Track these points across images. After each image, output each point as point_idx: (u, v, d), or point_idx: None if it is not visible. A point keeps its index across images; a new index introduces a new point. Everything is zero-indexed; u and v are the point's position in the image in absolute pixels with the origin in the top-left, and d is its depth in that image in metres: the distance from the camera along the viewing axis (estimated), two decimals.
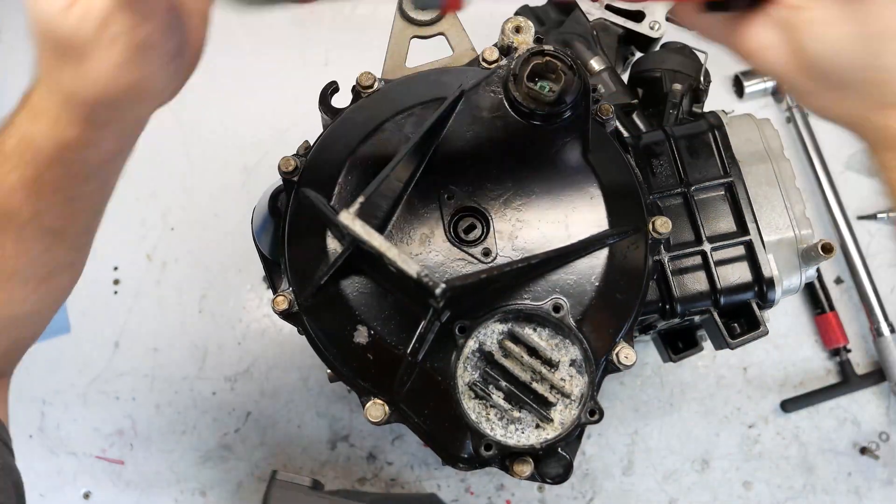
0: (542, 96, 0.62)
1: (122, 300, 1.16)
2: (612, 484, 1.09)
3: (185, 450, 1.10)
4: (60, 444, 1.10)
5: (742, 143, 0.77)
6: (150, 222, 1.20)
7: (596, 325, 0.61)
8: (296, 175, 0.66)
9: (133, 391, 1.12)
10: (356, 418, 1.10)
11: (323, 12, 1.32)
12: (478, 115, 0.63)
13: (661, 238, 0.65)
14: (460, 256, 0.61)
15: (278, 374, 1.13)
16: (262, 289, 1.17)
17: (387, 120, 0.65)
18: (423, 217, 0.62)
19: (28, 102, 0.51)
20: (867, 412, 1.11)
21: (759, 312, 0.74)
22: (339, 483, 1.08)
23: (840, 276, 1.16)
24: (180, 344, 1.14)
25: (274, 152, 1.21)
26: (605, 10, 0.92)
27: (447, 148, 0.63)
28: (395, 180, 0.61)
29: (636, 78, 0.92)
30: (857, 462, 1.09)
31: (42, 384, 1.12)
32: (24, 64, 0.53)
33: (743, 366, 1.13)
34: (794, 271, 0.74)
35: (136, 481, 1.09)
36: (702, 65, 0.91)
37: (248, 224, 0.78)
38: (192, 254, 1.18)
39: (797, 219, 0.75)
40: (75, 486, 1.09)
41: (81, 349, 1.14)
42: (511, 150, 0.63)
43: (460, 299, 0.57)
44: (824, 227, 1.17)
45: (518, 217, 0.62)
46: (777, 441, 1.10)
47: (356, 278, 0.61)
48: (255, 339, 1.15)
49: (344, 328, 0.61)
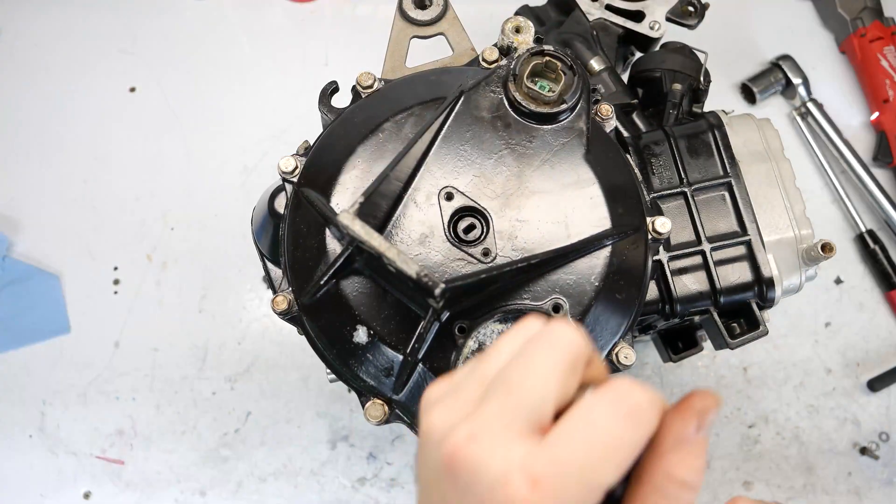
0: (542, 96, 0.62)
1: (122, 300, 1.16)
2: None
3: (185, 450, 1.10)
4: (60, 444, 1.10)
5: (742, 142, 0.77)
6: (150, 222, 1.20)
7: (596, 325, 0.61)
8: (295, 175, 0.66)
9: (133, 391, 1.12)
10: (356, 418, 1.10)
11: (323, 12, 1.32)
12: (477, 115, 0.63)
13: (661, 238, 0.65)
14: (460, 256, 0.61)
15: (278, 374, 1.13)
16: (262, 289, 1.17)
17: (386, 120, 0.65)
18: (423, 217, 0.62)
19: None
20: (867, 412, 1.11)
21: (758, 312, 0.74)
22: (339, 483, 1.09)
23: (840, 276, 1.17)
24: (180, 344, 1.14)
25: (274, 152, 1.22)
26: (605, 10, 0.92)
27: (447, 148, 0.63)
28: (395, 180, 0.61)
29: (636, 78, 0.92)
30: (857, 462, 1.09)
31: (42, 384, 1.12)
32: (24, 64, 0.53)
33: (743, 366, 1.13)
34: (794, 271, 0.74)
35: (136, 481, 1.09)
36: (702, 65, 0.91)
37: (247, 224, 0.78)
38: (192, 254, 1.18)
39: (797, 219, 0.75)
40: (75, 486, 1.09)
41: (81, 349, 1.14)
42: (511, 150, 0.63)
43: (460, 299, 0.57)
44: (872, 215, 1.19)
45: (518, 217, 0.62)
46: (777, 441, 1.10)
47: (356, 278, 0.61)
48: (255, 339, 1.15)
49: (343, 328, 0.61)
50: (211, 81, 1.28)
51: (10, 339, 1.14)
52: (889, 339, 1.15)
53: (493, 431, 0.33)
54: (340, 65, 1.28)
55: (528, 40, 0.67)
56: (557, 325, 0.36)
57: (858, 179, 1.19)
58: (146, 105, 1.26)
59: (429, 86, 0.67)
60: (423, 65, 0.73)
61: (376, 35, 0.79)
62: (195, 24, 1.31)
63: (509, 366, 0.35)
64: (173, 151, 1.23)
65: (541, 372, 0.34)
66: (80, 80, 1.27)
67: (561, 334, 0.36)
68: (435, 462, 0.34)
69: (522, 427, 0.33)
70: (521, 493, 0.31)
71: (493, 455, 0.32)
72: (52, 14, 1.30)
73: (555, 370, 0.34)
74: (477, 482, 0.32)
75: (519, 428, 0.33)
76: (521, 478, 0.31)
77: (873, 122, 1.23)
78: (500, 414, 0.33)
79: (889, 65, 1.21)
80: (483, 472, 0.32)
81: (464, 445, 0.33)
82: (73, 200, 1.21)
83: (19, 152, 1.23)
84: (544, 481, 0.31)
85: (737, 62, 1.27)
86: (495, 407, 0.34)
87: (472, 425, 0.33)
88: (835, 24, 1.29)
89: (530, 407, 0.33)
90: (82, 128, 1.24)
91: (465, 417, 0.34)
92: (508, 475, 0.31)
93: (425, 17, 0.74)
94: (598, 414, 0.33)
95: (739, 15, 1.30)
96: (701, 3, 0.95)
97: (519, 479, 0.31)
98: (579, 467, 0.31)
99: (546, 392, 0.34)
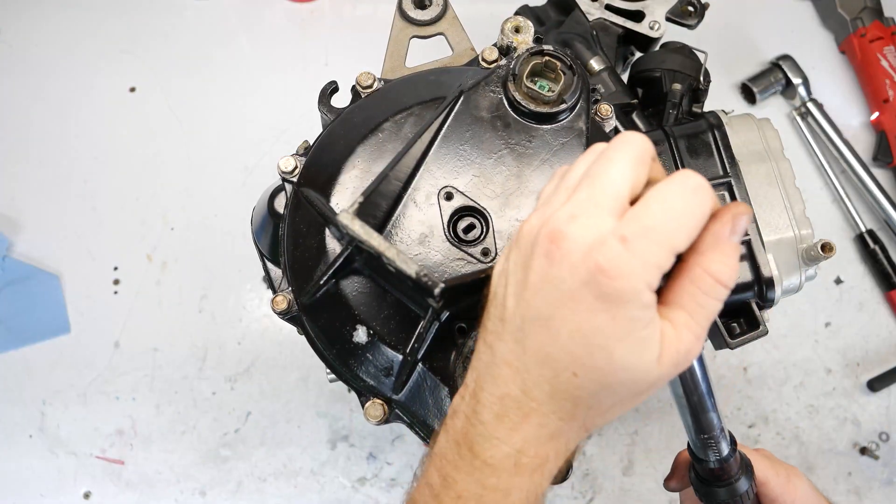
0: (542, 96, 0.62)
1: (122, 300, 1.16)
2: (612, 484, 1.09)
3: (185, 450, 1.10)
4: (60, 444, 1.10)
5: (742, 142, 0.77)
6: (150, 222, 1.20)
7: None
8: (295, 175, 0.66)
9: (133, 391, 1.12)
10: (356, 418, 1.10)
11: (323, 12, 1.32)
12: (477, 115, 0.63)
13: None
14: (459, 256, 0.61)
15: (278, 374, 1.13)
16: (262, 289, 1.17)
17: (386, 119, 0.65)
18: (423, 217, 0.62)
19: (533, 420, 0.43)
20: (867, 412, 1.11)
21: (758, 312, 0.74)
22: (339, 483, 1.09)
23: (840, 276, 1.17)
24: (180, 344, 1.14)
25: (274, 152, 1.22)
26: (605, 9, 0.92)
27: (447, 147, 0.63)
28: (395, 180, 0.61)
29: (636, 78, 0.92)
30: (857, 462, 1.09)
31: (42, 384, 1.12)
32: (24, 64, 0.53)
33: (743, 366, 1.13)
34: (794, 271, 0.74)
35: (136, 481, 1.09)
36: (701, 65, 0.91)
37: (248, 224, 0.78)
38: (192, 254, 1.18)
39: (797, 218, 0.75)
40: (75, 486, 1.09)
41: (81, 349, 1.14)
42: (511, 149, 0.63)
43: (459, 299, 0.57)
44: (872, 215, 1.20)
45: (517, 217, 0.62)
46: (777, 441, 1.10)
47: (355, 278, 0.61)
48: (255, 339, 1.15)
49: (343, 328, 0.61)
50: (211, 81, 1.28)
51: (10, 339, 1.14)
52: (889, 339, 1.15)
53: (587, 211, 0.39)
54: (340, 65, 1.28)
55: (528, 40, 0.67)
56: (627, 133, 0.42)
57: (858, 179, 1.19)
58: (146, 105, 1.26)
59: (428, 86, 0.67)
60: (423, 65, 0.73)
61: (376, 35, 0.79)
62: (195, 24, 1.31)
63: (592, 165, 0.42)
64: (173, 151, 1.23)
65: (618, 163, 0.40)
66: (80, 80, 1.27)
67: (630, 136, 0.42)
68: (529, 247, 0.41)
69: (609, 207, 0.39)
70: (615, 250, 0.38)
71: (589, 227, 0.39)
72: (52, 14, 1.30)
73: (629, 161, 0.41)
74: (576, 249, 0.39)
75: (606, 208, 0.39)
76: (614, 239, 0.38)
77: (873, 122, 1.23)
78: (589, 198, 0.40)
79: (889, 65, 1.21)
80: (581, 240, 0.39)
81: (564, 224, 0.39)
82: (73, 200, 1.21)
83: (19, 152, 1.23)
84: (632, 241, 0.38)
85: (737, 62, 1.27)
86: (584, 194, 0.40)
87: (569, 207, 0.40)
88: (835, 24, 1.29)
89: (613, 192, 0.40)
90: (82, 128, 1.25)
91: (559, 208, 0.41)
92: (604, 237, 0.38)
93: (425, 17, 0.74)
94: (671, 191, 0.39)
95: (739, 15, 1.31)
96: (701, 3, 0.95)
97: (612, 239, 0.38)
98: (659, 231, 0.38)
99: (624, 179, 0.40)
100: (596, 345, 0.39)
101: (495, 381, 0.43)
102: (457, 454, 0.44)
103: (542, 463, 0.44)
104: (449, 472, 0.44)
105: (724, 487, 0.59)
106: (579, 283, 0.38)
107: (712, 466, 0.59)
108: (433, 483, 0.45)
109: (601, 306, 0.38)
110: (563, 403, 0.42)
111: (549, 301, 0.40)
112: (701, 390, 0.51)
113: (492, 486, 0.43)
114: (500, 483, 0.43)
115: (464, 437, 0.44)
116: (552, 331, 0.40)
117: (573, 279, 0.39)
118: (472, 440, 0.43)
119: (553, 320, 0.40)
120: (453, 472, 0.44)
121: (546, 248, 0.40)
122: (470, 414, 0.44)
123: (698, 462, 0.60)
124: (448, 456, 0.45)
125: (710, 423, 0.55)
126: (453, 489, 0.44)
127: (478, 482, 0.43)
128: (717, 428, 0.56)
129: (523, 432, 0.42)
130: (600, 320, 0.39)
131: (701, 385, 0.51)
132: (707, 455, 0.58)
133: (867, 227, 1.17)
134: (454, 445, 0.45)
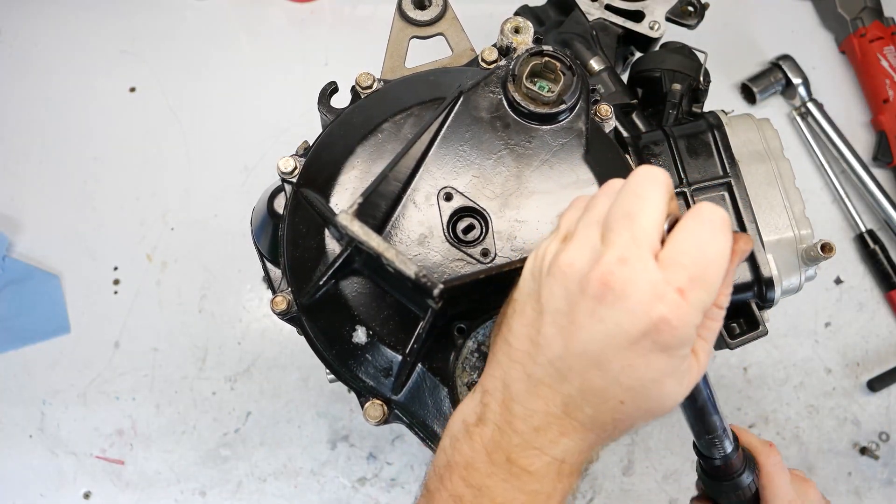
0: (542, 96, 0.62)
1: (122, 300, 1.16)
2: (612, 484, 1.09)
3: (185, 450, 1.10)
4: (60, 444, 1.10)
5: (742, 143, 0.77)
6: (150, 222, 1.20)
7: None
8: (295, 175, 0.66)
9: (133, 391, 1.13)
10: (356, 418, 1.10)
11: (323, 12, 1.32)
12: (477, 116, 0.63)
13: None
14: (459, 257, 0.61)
15: (278, 374, 1.13)
16: (262, 289, 1.17)
17: (385, 120, 0.65)
18: (422, 217, 0.62)
19: (551, 423, 0.44)
20: (867, 412, 1.11)
21: (758, 312, 0.74)
22: (339, 483, 1.09)
23: (840, 276, 1.17)
24: (180, 344, 1.14)
25: (274, 152, 1.22)
26: (605, 10, 0.92)
27: (446, 148, 0.63)
28: (394, 180, 0.61)
29: (636, 78, 0.92)
30: (857, 462, 1.09)
31: (42, 384, 1.12)
32: (24, 64, 0.53)
33: (743, 366, 1.13)
34: (794, 271, 0.74)
35: (136, 481, 1.09)
36: (701, 65, 0.90)
37: (247, 224, 0.78)
38: (192, 254, 1.18)
39: (797, 219, 0.75)
40: (75, 486, 1.09)
41: (81, 349, 1.14)
42: (510, 150, 0.63)
43: (459, 300, 0.57)
44: (871, 215, 1.20)
45: (517, 217, 0.62)
46: (777, 441, 1.10)
47: (355, 279, 0.61)
48: (255, 339, 1.15)
49: (343, 328, 0.61)
50: (211, 81, 1.28)
51: (10, 339, 1.14)
52: (889, 339, 1.15)
53: (633, 253, 0.40)
54: (340, 65, 1.28)
55: (528, 40, 0.67)
56: (648, 167, 0.43)
57: (858, 179, 1.19)
58: (146, 105, 1.26)
59: (428, 86, 0.67)
60: (423, 65, 0.73)
61: (376, 35, 0.79)
62: (195, 24, 1.31)
63: (623, 202, 0.42)
64: (173, 151, 1.23)
65: (653, 202, 0.41)
66: (80, 80, 1.27)
67: (656, 172, 0.43)
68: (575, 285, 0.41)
69: (650, 247, 0.41)
70: (675, 302, 0.39)
71: (638, 271, 0.40)
72: (52, 14, 1.30)
73: (662, 199, 0.42)
74: (634, 298, 0.40)
75: (648, 248, 0.40)
76: (672, 291, 0.40)
77: (873, 122, 1.23)
78: (633, 240, 0.40)
79: (889, 65, 1.20)
80: (639, 290, 0.40)
81: (616, 268, 0.40)
82: (73, 200, 1.21)
83: (19, 152, 1.23)
84: (688, 292, 0.40)
85: (737, 62, 1.27)
86: (626, 236, 0.41)
87: (617, 251, 0.40)
88: (835, 24, 1.29)
89: (652, 230, 0.41)
90: (82, 128, 1.24)
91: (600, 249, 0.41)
92: (662, 291, 0.39)
93: (425, 17, 0.74)
94: (704, 232, 0.41)
95: (739, 15, 1.30)
96: (701, 3, 0.95)
97: (671, 292, 0.40)
98: (707, 280, 0.40)
99: (661, 217, 0.42)
100: (649, 379, 0.42)
101: (531, 398, 0.44)
102: (489, 463, 0.45)
103: (579, 468, 0.46)
104: (482, 482, 0.45)
105: (729, 482, 0.63)
106: (639, 331, 0.40)
107: (718, 464, 0.62)
108: (462, 494, 0.46)
109: (659, 349, 0.41)
110: (605, 424, 0.44)
111: (598, 339, 0.41)
112: (704, 395, 0.54)
113: (533, 492, 0.45)
114: (542, 488, 0.45)
115: (496, 446, 0.45)
116: (603, 366, 0.42)
117: (633, 326, 0.40)
118: (508, 450, 0.45)
119: (604, 356, 0.41)
120: (487, 481, 0.45)
121: (598, 291, 0.40)
122: (503, 424, 0.45)
123: (704, 460, 0.63)
124: (478, 466, 0.46)
125: (713, 425, 0.57)
126: (488, 496, 0.45)
127: (518, 489, 0.45)
128: (720, 428, 0.58)
129: (563, 445, 0.44)
130: (656, 361, 0.41)
131: (704, 390, 0.53)
132: (712, 453, 0.61)
133: (867, 227, 1.17)
134: (485, 455, 0.45)
